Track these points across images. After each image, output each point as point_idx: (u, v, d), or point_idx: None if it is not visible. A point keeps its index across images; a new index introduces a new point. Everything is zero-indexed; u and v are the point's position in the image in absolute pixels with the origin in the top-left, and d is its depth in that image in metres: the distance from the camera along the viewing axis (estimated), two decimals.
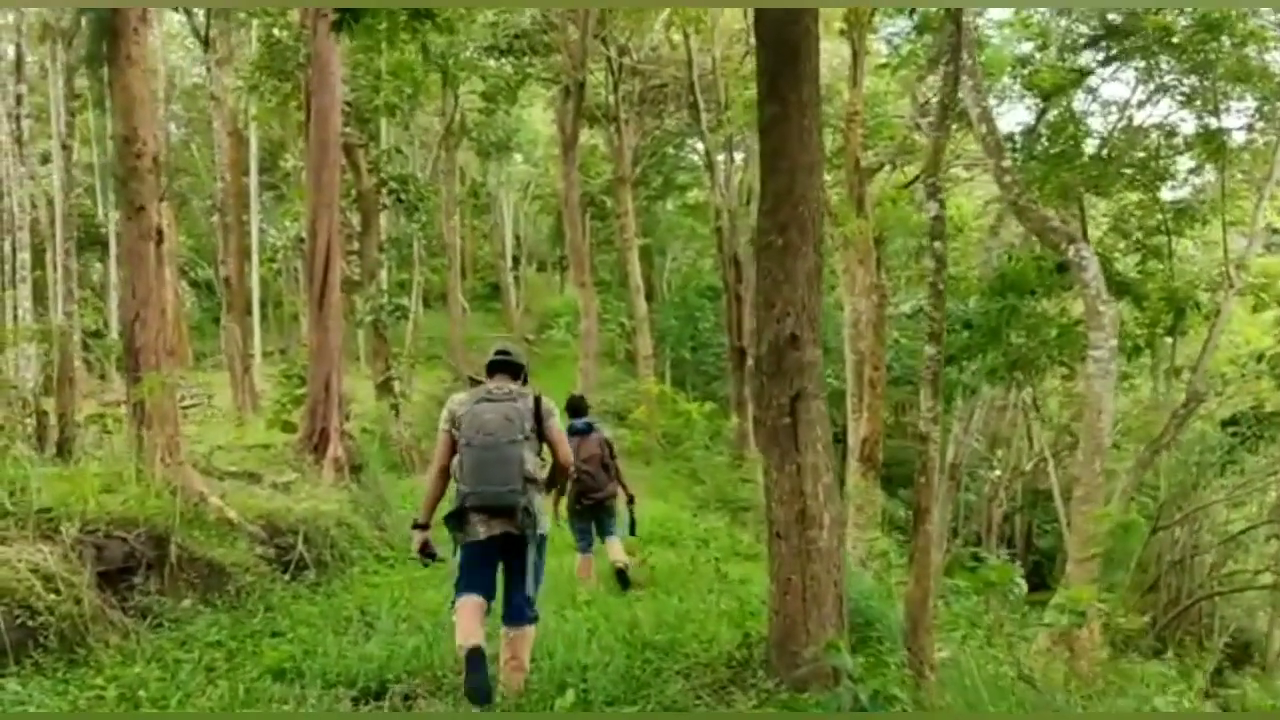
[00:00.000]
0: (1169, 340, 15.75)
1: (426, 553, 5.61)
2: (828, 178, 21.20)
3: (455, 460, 5.32)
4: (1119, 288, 14.91)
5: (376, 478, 13.05)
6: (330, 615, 7.88)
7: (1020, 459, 25.59)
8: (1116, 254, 15.31)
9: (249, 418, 17.90)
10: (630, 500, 9.66)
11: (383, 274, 29.05)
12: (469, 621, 5.20)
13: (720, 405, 25.40)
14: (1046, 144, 16.27)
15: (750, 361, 6.80)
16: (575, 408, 9.67)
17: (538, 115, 44.11)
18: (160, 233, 9.19)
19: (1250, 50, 14.26)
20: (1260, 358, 15.61)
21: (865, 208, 15.07)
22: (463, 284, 40.26)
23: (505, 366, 5.73)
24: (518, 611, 5.45)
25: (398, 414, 22.27)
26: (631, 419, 21.58)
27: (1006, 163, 9.34)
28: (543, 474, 5.48)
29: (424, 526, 5.59)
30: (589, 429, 9.48)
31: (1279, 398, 20.33)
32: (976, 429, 23.32)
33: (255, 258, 25.24)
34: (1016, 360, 14.75)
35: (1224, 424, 19.27)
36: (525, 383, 5.75)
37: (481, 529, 5.23)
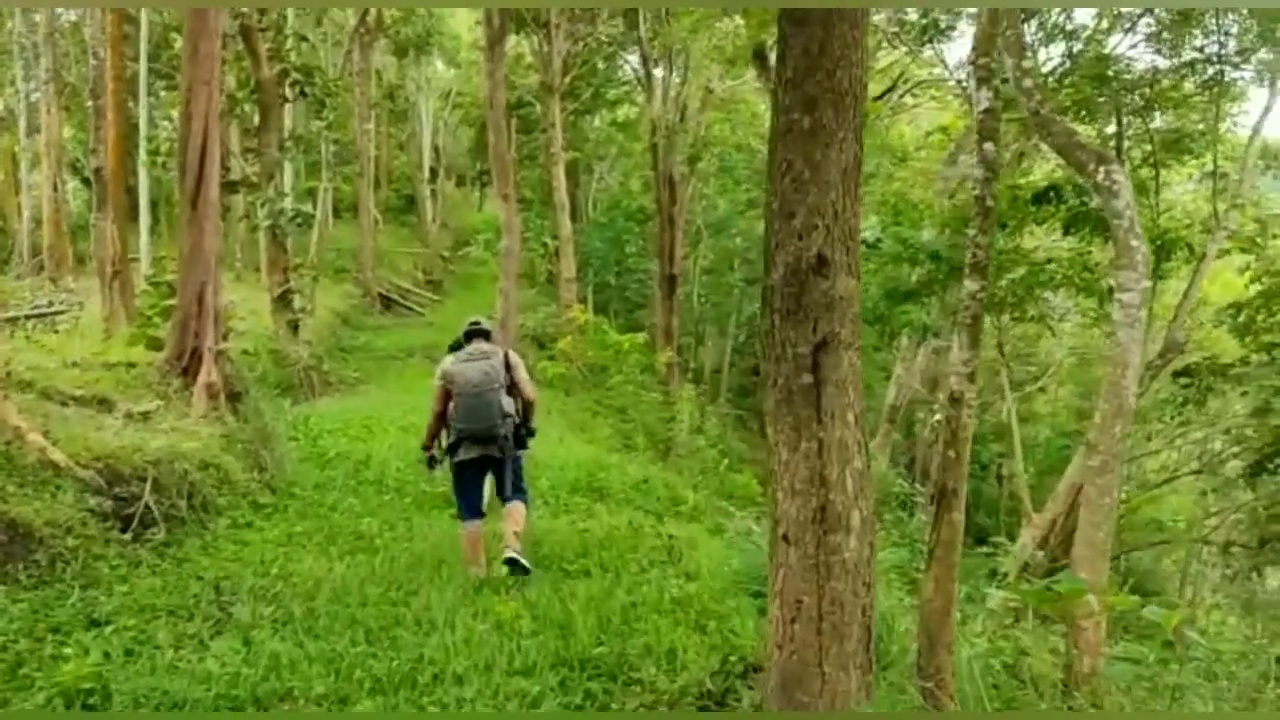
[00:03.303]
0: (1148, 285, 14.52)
1: (432, 463, 7.46)
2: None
3: (451, 406, 7.10)
4: (1097, 223, 13.62)
5: (259, 407, 11.15)
6: (175, 592, 6.14)
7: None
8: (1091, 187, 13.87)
9: (121, 330, 15.71)
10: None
11: (287, 176, 26.65)
12: (476, 551, 7.01)
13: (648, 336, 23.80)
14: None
15: (765, 292, 5.05)
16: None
17: (461, 20, 41.34)
18: None
19: None
20: (1238, 309, 14.48)
21: None
22: (376, 195, 37.72)
23: (479, 333, 7.34)
24: (511, 492, 7.16)
25: (296, 331, 20.20)
26: (556, 350, 19.79)
27: (1029, 63, 7.79)
28: (514, 410, 7.16)
29: (428, 448, 7.42)
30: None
31: (1233, 350, 19.45)
32: (920, 370, 22.21)
33: (142, 151, 22.63)
34: (988, 301, 13.35)
35: (1176, 375, 18.35)
36: (490, 340, 7.37)
37: (472, 452, 7.04)
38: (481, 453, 7.00)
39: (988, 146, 4.92)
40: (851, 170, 3.92)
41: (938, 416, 22.72)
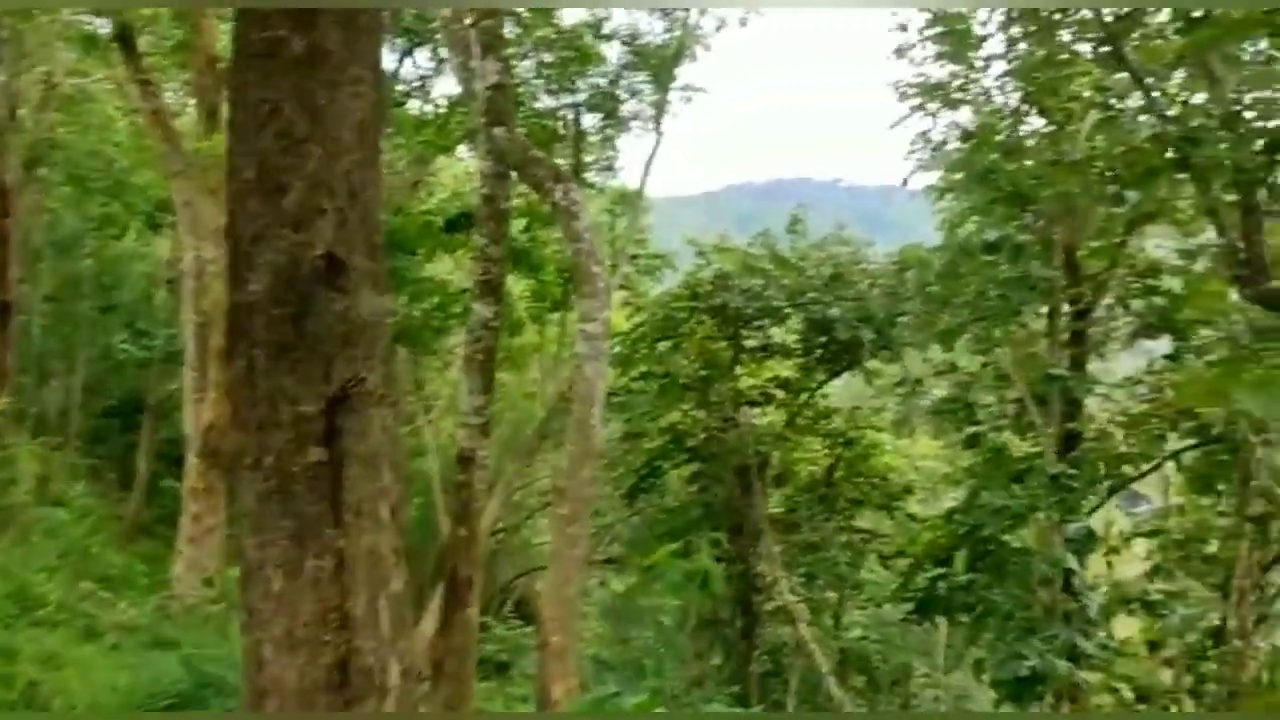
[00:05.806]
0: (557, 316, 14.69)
1: None
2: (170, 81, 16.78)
3: None
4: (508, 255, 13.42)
5: None
6: None
7: None
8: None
9: None
10: None
11: None
12: None
13: None
14: None
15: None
16: None
17: None
18: None
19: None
20: (627, 341, 15.25)
21: (219, 120, 11.48)
22: None
23: None
24: None
25: None
26: None
27: (492, 65, 6.87)
28: None
29: None
30: None
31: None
32: None
33: None
34: (400, 332, 12.42)
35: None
36: None
37: None
38: None
39: (499, 132, 3.83)
40: (371, 127, 2.55)
41: None
